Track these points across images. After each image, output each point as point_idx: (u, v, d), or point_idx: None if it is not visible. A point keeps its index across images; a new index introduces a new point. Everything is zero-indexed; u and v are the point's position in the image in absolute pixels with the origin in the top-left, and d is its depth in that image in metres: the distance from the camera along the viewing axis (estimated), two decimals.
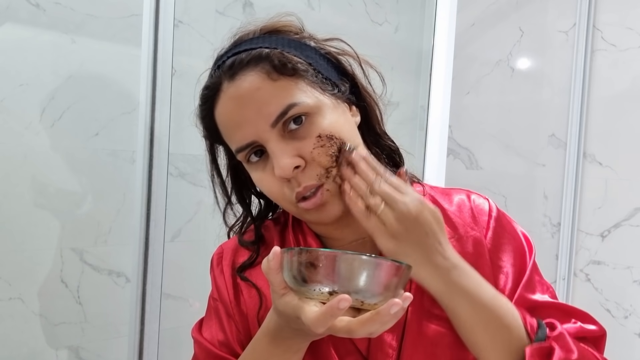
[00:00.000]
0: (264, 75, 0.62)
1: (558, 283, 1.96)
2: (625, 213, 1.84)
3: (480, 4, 2.21)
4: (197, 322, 0.76)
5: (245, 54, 0.63)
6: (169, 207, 1.12)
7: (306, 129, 0.62)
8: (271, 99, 0.61)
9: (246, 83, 0.62)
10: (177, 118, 1.15)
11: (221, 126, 0.66)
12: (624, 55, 1.85)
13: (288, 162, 0.60)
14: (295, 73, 0.63)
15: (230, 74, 0.63)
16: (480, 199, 0.75)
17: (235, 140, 0.64)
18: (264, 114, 0.61)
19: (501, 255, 0.70)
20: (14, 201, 1.18)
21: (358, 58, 0.71)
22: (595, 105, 1.92)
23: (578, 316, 0.69)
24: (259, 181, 0.66)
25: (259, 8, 1.52)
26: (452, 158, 2.28)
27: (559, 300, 0.71)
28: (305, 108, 0.62)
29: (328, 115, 0.63)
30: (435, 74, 1.53)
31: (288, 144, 0.62)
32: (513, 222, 0.75)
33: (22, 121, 1.18)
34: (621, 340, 1.83)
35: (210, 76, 0.68)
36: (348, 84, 0.69)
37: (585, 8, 1.91)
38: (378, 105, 0.73)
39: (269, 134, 0.62)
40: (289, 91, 0.62)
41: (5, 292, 1.18)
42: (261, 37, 0.66)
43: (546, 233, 2.03)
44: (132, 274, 1.11)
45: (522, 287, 0.68)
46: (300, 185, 0.62)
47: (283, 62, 0.62)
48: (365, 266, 0.50)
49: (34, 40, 1.18)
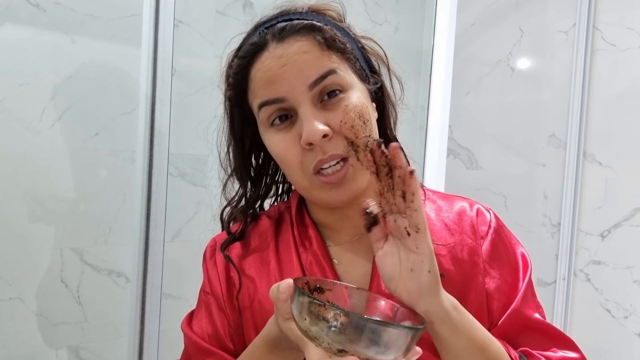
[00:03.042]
0: (315, 43, 0.64)
1: (558, 283, 1.96)
2: (625, 213, 1.84)
3: (480, 4, 2.21)
4: (187, 314, 0.76)
5: (297, 22, 0.65)
6: (169, 207, 1.12)
7: (338, 103, 0.64)
8: (315, 62, 0.63)
9: (295, 46, 0.63)
10: (177, 118, 1.15)
11: (254, 81, 0.66)
12: (624, 55, 1.85)
13: (320, 128, 0.61)
14: (342, 51, 0.65)
15: (280, 37, 0.64)
16: (482, 210, 0.75)
17: (264, 94, 0.64)
18: (305, 74, 0.63)
19: (495, 267, 0.71)
20: (14, 201, 1.18)
21: (387, 61, 0.73)
22: (595, 105, 1.92)
23: (562, 342, 0.69)
24: (277, 145, 0.66)
25: (259, 8, 1.52)
26: (452, 158, 2.28)
27: (547, 322, 0.71)
28: (343, 81, 0.64)
29: (359, 96, 0.65)
30: (435, 74, 1.53)
31: (319, 112, 0.63)
32: (512, 237, 0.75)
33: (22, 121, 1.18)
34: (621, 340, 1.83)
35: (252, 35, 0.68)
36: (375, 81, 0.71)
37: (585, 8, 1.91)
38: (395, 109, 0.75)
39: (304, 96, 0.63)
40: (332, 61, 0.64)
41: (5, 292, 1.18)
42: (310, 13, 0.68)
43: (546, 233, 2.03)
44: (132, 274, 1.11)
45: (519, 301, 0.69)
46: (326, 153, 0.63)
47: (333, 38, 0.64)
48: (380, 333, 0.48)
49: (34, 40, 1.18)
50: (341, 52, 0.65)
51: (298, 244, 0.72)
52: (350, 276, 0.69)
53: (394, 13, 1.92)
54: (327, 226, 0.73)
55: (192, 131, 1.16)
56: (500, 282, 0.70)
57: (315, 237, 0.71)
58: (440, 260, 0.67)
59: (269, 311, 0.67)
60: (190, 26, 1.41)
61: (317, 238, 0.71)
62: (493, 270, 0.70)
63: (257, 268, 0.72)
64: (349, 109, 0.63)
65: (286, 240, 0.73)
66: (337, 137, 0.63)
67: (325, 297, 0.57)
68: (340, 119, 0.63)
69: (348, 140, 0.63)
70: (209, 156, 0.77)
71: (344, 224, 0.71)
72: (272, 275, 0.71)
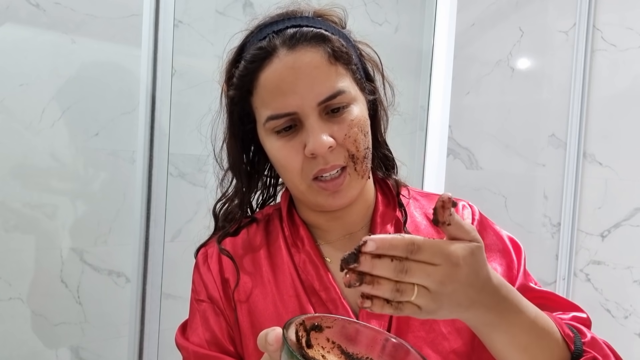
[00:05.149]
0: (325, 56, 0.65)
1: (558, 283, 1.96)
2: (625, 213, 1.84)
3: (480, 4, 2.21)
4: (179, 327, 0.76)
5: (307, 30, 0.66)
6: (169, 207, 1.13)
7: (341, 116, 0.66)
8: (325, 80, 0.65)
9: (307, 58, 0.65)
10: (177, 118, 1.15)
11: (264, 89, 0.66)
12: (624, 55, 1.85)
13: (326, 140, 0.64)
14: (347, 62, 0.67)
15: (291, 44, 0.65)
16: (465, 204, 0.77)
17: (275, 107, 0.65)
18: (315, 91, 0.64)
19: (488, 255, 0.71)
20: (14, 201, 1.18)
21: (381, 68, 0.75)
22: (595, 105, 1.92)
23: (569, 306, 0.71)
24: (279, 151, 0.67)
25: (259, 8, 1.52)
26: (452, 158, 2.28)
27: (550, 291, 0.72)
28: (349, 98, 0.66)
29: (361, 108, 0.68)
30: (435, 74, 1.53)
31: (325, 124, 0.65)
32: (494, 224, 0.77)
33: (22, 121, 1.18)
34: (621, 340, 1.83)
35: (258, 37, 0.68)
36: (371, 89, 0.73)
37: (585, 8, 1.91)
38: (386, 114, 0.77)
39: (312, 110, 0.65)
40: (340, 78, 0.66)
41: (5, 292, 1.18)
42: (316, 19, 0.69)
43: (546, 233, 2.03)
44: (132, 274, 1.11)
45: (522, 278, 0.70)
46: (328, 163, 0.65)
47: (341, 50, 0.66)
48: None
49: (34, 40, 1.18)
50: (346, 63, 0.67)
51: (290, 245, 0.73)
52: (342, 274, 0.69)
53: (394, 13, 1.92)
54: (318, 226, 0.74)
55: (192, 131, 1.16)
56: (495, 267, 0.71)
57: (307, 236, 0.73)
58: None
59: (262, 313, 0.69)
60: (190, 26, 1.41)
61: (308, 237, 0.72)
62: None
63: (250, 268, 0.73)
64: (354, 123, 0.66)
65: (276, 241, 0.74)
66: (340, 149, 0.66)
67: (324, 335, 0.52)
68: (345, 132, 0.65)
69: (349, 152, 0.66)
70: (209, 156, 0.78)
71: (334, 224, 0.73)
72: (265, 277, 0.72)
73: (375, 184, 0.77)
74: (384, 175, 0.78)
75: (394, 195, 0.77)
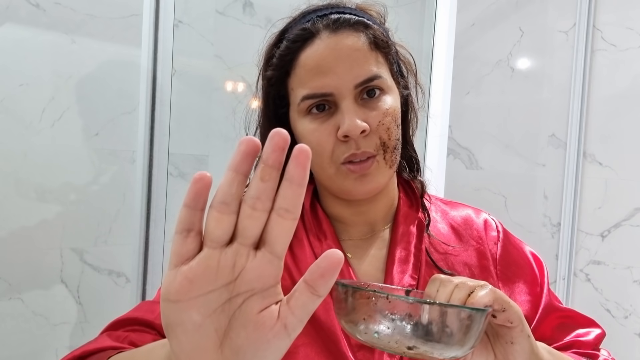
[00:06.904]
0: (366, 42, 0.66)
1: (558, 283, 1.96)
2: (625, 213, 1.84)
3: (480, 4, 2.21)
4: None
5: (350, 16, 0.67)
6: (169, 207, 1.12)
7: (376, 103, 0.67)
8: (365, 63, 0.66)
9: (349, 40, 0.66)
10: (177, 118, 1.15)
11: (303, 68, 0.67)
12: (624, 55, 1.85)
13: (360, 124, 0.64)
14: (386, 52, 0.69)
15: (334, 27, 0.66)
16: (488, 218, 0.78)
17: (313, 86, 0.66)
18: (354, 73, 0.65)
19: (511, 269, 0.74)
20: (14, 201, 1.18)
21: (415, 70, 0.76)
22: (595, 105, 1.92)
23: (588, 322, 0.74)
24: (311, 133, 0.67)
25: (259, 8, 1.52)
26: (452, 158, 2.28)
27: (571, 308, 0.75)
28: (384, 85, 0.67)
29: (395, 100, 0.69)
30: (435, 74, 1.53)
31: (360, 109, 0.66)
32: (516, 238, 0.79)
33: (22, 121, 1.18)
34: (621, 340, 1.83)
35: (301, 21, 0.69)
36: (405, 85, 0.74)
37: (585, 8, 1.91)
38: (416, 116, 0.77)
39: (349, 92, 0.65)
40: (379, 64, 0.67)
41: (5, 292, 1.18)
42: (359, 11, 0.71)
43: (546, 233, 2.03)
44: (132, 274, 1.11)
45: (547, 295, 0.72)
46: (360, 149, 0.65)
47: (382, 39, 0.68)
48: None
49: (34, 40, 1.18)
50: (386, 53, 0.69)
51: (311, 238, 0.72)
52: (363, 271, 0.70)
53: (394, 13, 1.92)
54: (342, 220, 0.74)
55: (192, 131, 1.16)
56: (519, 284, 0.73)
57: (330, 230, 0.72)
58: (452, 261, 0.71)
59: None
60: (190, 26, 1.41)
61: (331, 232, 0.72)
62: (510, 273, 0.73)
63: None
64: (389, 112, 0.66)
65: (298, 233, 0.73)
66: (372, 135, 0.66)
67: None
68: (379, 119, 0.66)
69: (381, 140, 0.66)
70: (209, 156, 0.77)
71: (358, 218, 0.73)
72: (285, 269, 0.70)
73: (398, 185, 0.77)
74: (408, 176, 0.78)
75: (417, 197, 0.77)
